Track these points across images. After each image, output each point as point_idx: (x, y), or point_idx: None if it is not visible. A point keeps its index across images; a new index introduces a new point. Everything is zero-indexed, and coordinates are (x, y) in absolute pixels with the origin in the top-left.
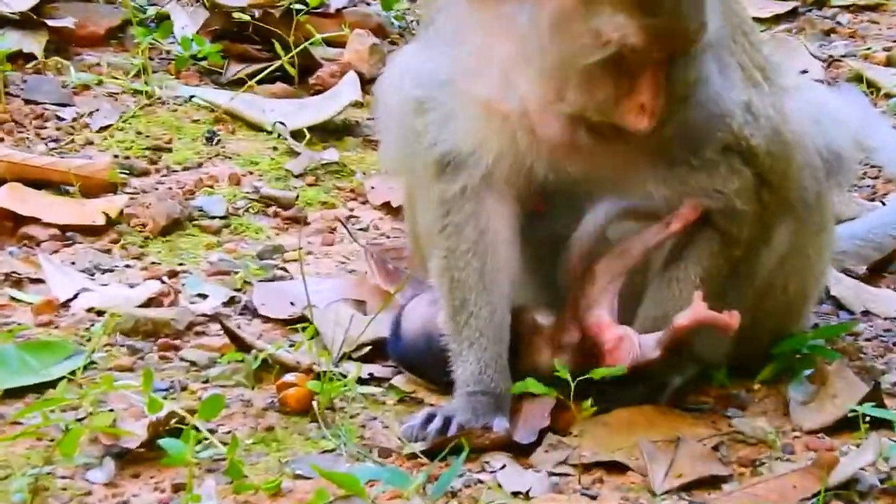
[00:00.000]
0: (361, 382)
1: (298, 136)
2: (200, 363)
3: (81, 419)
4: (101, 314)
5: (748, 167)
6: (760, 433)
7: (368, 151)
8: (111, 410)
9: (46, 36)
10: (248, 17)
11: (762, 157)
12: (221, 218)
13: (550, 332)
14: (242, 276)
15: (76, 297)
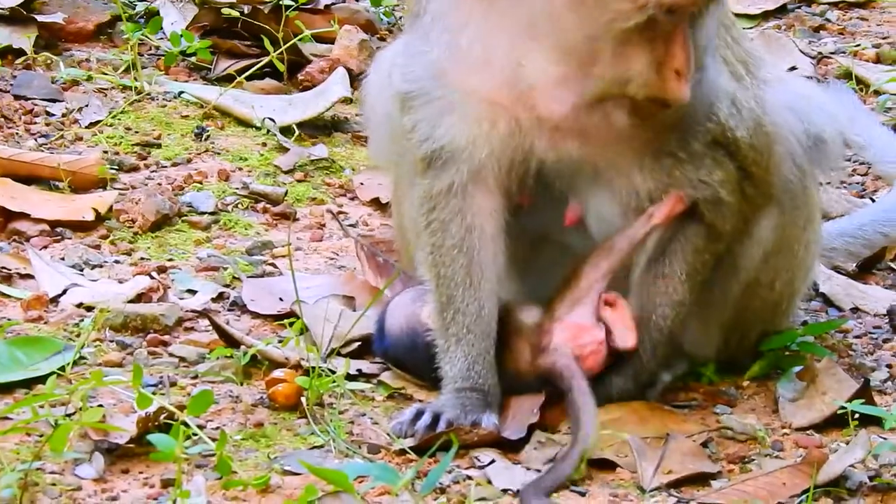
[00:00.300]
0: (350, 378)
1: (287, 132)
2: (189, 359)
3: (71, 415)
4: (90, 310)
5: (732, 160)
6: (750, 430)
7: (357, 147)
8: (100, 406)
9: (36, 32)
10: (237, 13)
11: (745, 149)
12: (210, 214)
13: (531, 333)
14: (231, 271)
15: (65, 292)
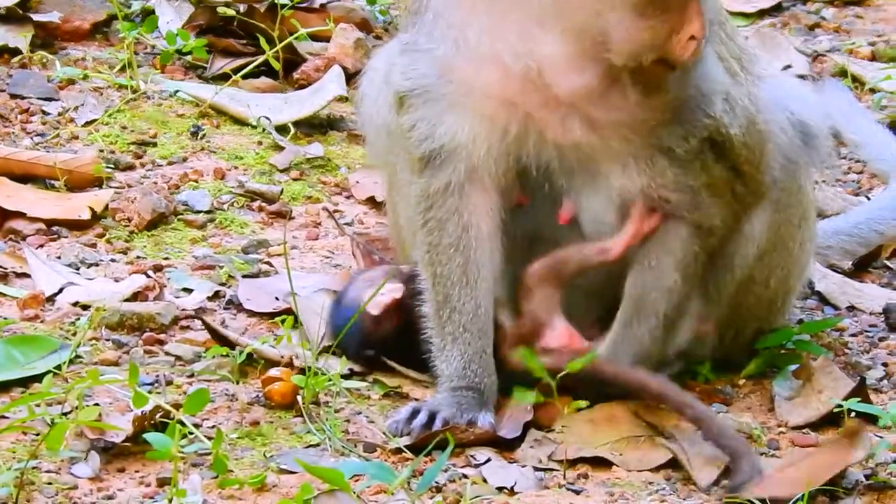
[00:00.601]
0: (346, 377)
1: (283, 130)
2: (185, 357)
3: (67, 413)
4: (86, 308)
5: (722, 161)
6: (745, 428)
7: (353, 146)
8: (96, 405)
9: (32, 31)
10: (232, 11)
11: (738, 147)
12: (206, 212)
13: (510, 331)
14: (227, 270)
15: (61, 291)
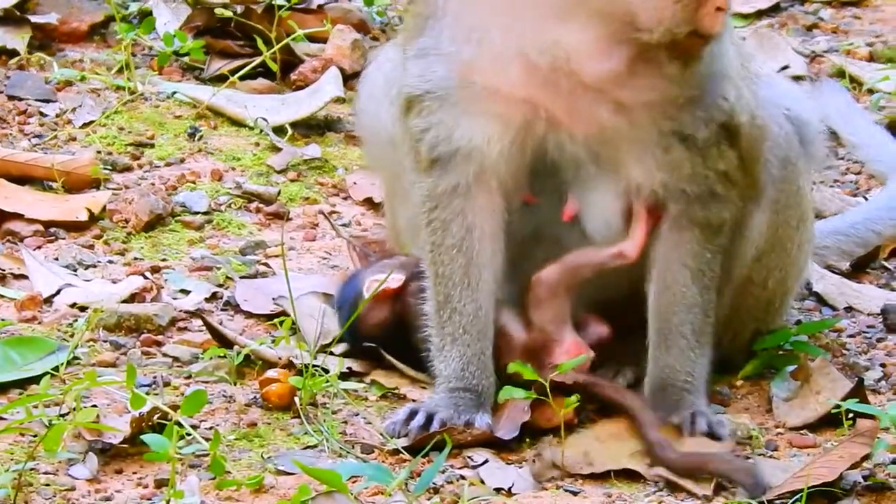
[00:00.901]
0: (343, 378)
1: (280, 131)
2: (183, 359)
3: (64, 415)
4: (83, 310)
5: (734, 149)
6: (743, 430)
7: (350, 147)
8: (94, 406)
9: (29, 32)
10: (230, 13)
11: (744, 138)
12: (204, 214)
13: (521, 347)
14: (225, 271)
15: (59, 292)
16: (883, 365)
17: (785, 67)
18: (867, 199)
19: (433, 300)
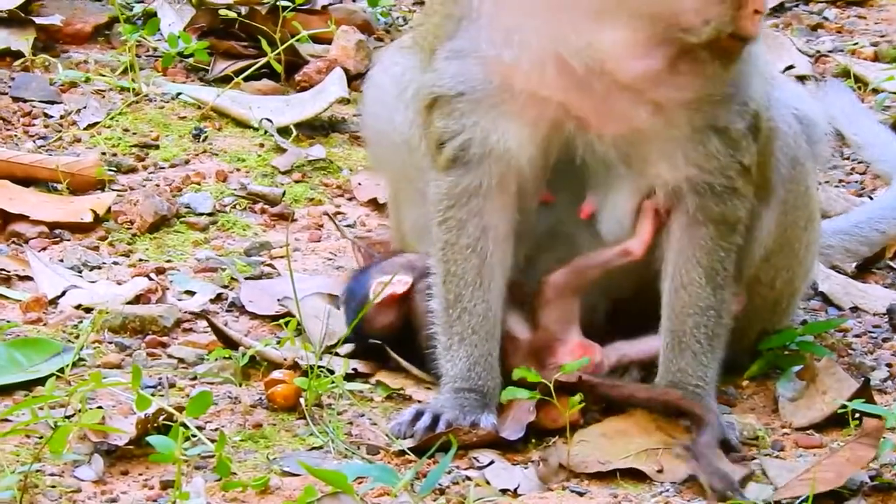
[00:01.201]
0: (349, 379)
1: (285, 132)
2: (188, 360)
3: (70, 416)
4: (89, 311)
5: (756, 143)
6: (750, 430)
7: (355, 148)
8: (100, 407)
9: (34, 34)
10: (234, 14)
11: (763, 135)
12: (208, 215)
13: (525, 349)
14: (230, 272)
15: (64, 294)
16: (889, 365)
17: (790, 67)
18: (872, 198)
19: (442, 299)
